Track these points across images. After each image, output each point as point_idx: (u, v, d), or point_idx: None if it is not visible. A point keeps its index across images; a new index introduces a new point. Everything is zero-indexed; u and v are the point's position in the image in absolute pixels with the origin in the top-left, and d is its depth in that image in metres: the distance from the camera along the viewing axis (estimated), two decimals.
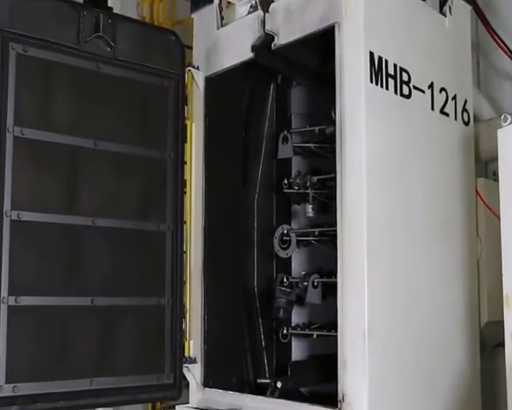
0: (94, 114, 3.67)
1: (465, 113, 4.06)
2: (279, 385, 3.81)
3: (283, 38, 3.74)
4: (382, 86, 3.47)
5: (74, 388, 3.46)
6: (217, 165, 4.11)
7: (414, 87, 3.66)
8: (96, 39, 3.67)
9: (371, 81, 3.40)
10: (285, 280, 4.14)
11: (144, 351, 3.76)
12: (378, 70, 3.45)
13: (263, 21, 3.84)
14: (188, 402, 3.97)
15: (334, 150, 3.46)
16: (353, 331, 3.27)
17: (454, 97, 3.96)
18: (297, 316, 4.35)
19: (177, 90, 3.98)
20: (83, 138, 3.61)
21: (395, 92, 3.56)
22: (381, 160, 3.43)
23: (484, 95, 4.63)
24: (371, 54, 3.42)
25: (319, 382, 4.05)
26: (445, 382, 3.72)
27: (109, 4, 3.84)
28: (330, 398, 3.34)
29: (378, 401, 3.28)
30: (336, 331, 3.34)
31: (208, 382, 3.94)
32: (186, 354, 3.92)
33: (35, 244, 3.44)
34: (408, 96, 3.63)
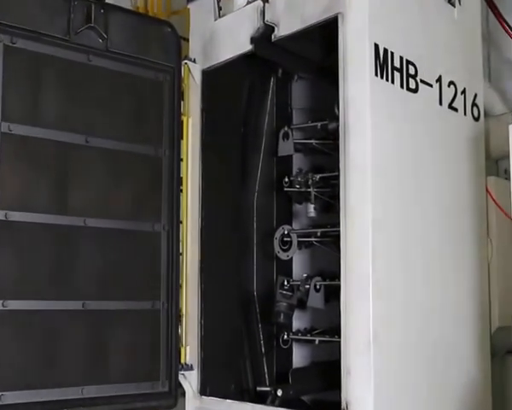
0: (85, 109, 3.67)
1: (475, 108, 4.06)
2: (280, 393, 3.80)
3: (284, 30, 3.73)
4: (388, 80, 3.47)
5: (64, 396, 3.45)
6: (214, 162, 4.10)
7: (421, 81, 3.66)
8: (88, 30, 3.67)
9: (376, 74, 3.40)
10: (286, 283, 4.14)
11: (138, 357, 3.75)
12: (383, 63, 3.44)
13: (262, 12, 3.83)
14: None
15: (337, 147, 3.46)
16: (358, 337, 3.26)
17: (463, 91, 3.96)
18: (298, 321, 4.35)
19: (173, 84, 3.98)
20: (73, 134, 3.60)
21: (401, 86, 3.55)
22: (387, 157, 3.42)
23: (495, 89, 4.60)
24: (376, 46, 3.41)
25: (321, 390, 4.04)
26: (455, 390, 3.72)
27: None
28: (333, 407, 3.33)
29: None
30: (339, 337, 3.34)
31: (205, 390, 3.93)
32: (182, 361, 3.92)
33: (23, 246, 3.44)
34: (415, 90, 3.63)
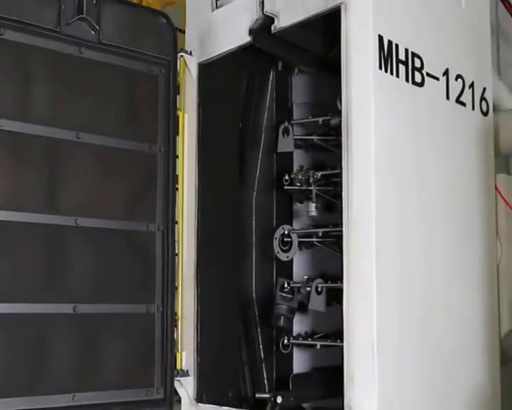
0: (76, 104, 3.65)
1: (484, 102, 4.05)
2: (279, 400, 3.80)
3: (284, 21, 3.72)
4: (392, 73, 3.46)
5: (55, 404, 3.44)
6: (211, 159, 4.09)
7: (427, 74, 3.65)
8: (79, 22, 3.65)
9: (380, 68, 3.40)
10: (286, 285, 4.13)
11: (132, 363, 3.74)
12: (388, 55, 3.44)
13: (262, 2, 3.81)
14: None
15: (339, 143, 3.46)
16: (361, 342, 3.25)
17: (471, 85, 3.95)
18: (299, 325, 4.35)
19: (168, 77, 3.97)
20: (64, 130, 3.59)
21: (406, 80, 3.55)
22: (392, 154, 3.41)
23: (504, 82, 4.59)
24: (380, 38, 3.40)
25: (323, 397, 4.04)
26: (463, 398, 3.71)
27: None
28: None
29: None
30: (342, 342, 3.34)
31: (202, 397, 3.92)
32: (178, 367, 3.91)
33: (12, 246, 3.42)
34: (421, 83, 3.62)
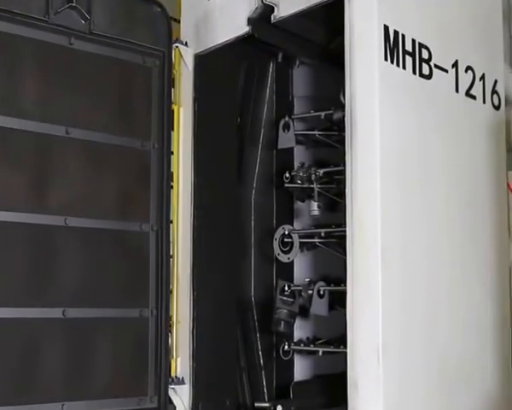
0: (66, 98, 3.63)
1: (495, 95, 4.05)
2: None
3: (284, 10, 3.72)
4: (399, 65, 3.46)
5: None
6: (208, 156, 4.08)
7: (435, 66, 3.66)
8: (69, 10, 3.62)
9: (386, 59, 3.40)
10: (286, 288, 4.12)
11: (124, 370, 3.73)
12: (394, 46, 3.43)
13: None
14: None
15: (342, 139, 3.46)
16: (365, 348, 3.25)
17: (482, 77, 3.96)
18: (300, 330, 4.35)
19: (163, 69, 3.96)
20: (53, 125, 3.57)
21: (413, 72, 3.55)
22: (398, 150, 3.41)
23: None
24: (386, 28, 3.40)
25: (326, 406, 4.02)
26: (472, 405, 3.71)
27: None
28: None
29: None
30: (345, 348, 3.34)
31: (198, 405, 3.91)
32: (172, 374, 3.91)
33: None
34: (428, 76, 3.62)
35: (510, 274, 4.01)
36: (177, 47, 4.06)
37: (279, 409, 3.78)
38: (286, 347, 4.19)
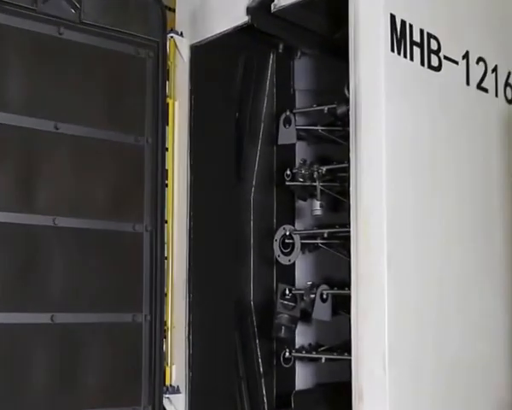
0: (55, 90, 3.63)
1: (508, 88, 4.05)
2: None
3: None
4: (406, 56, 3.45)
5: None
6: (205, 152, 4.08)
7: (445, 57, 3.65)
8: None
9: (392, 50, 3.38)
10: (287, 292, 4.12)
11: (116, 379, 3.72)
12: (401, 36, 3.42)
13: None
14: None
15: (346, 134, 3.45)
16: (371, 355, 3.24)
17: (494, 69, 3.95)
18: (302, 336, 4.36)
19: (157, 61, 3.96)
20: (41, 120, 3.56)
21: (421, 63, 3.54)
22: (405, 145, 3.40)
23: None
24: (392, 17, 3.39)
25: None
26: None
27: None
28: None
29: None
30: (350, 355, 3.33)
31: None
32: (167, 383, 3.92)
33: None
34: (437, 68, 3.61)
35: None
36: (172, 37, 4.06)
37: None
38: (287, 354, 4.17)
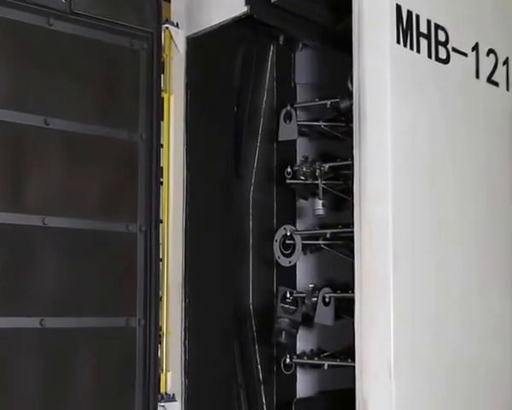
0: (44, 84, 3.62)
1: None
2: None
3: None
4: (412, 48, 3.46)
5: None
6: (202, 149, 4.07)
7: (453, 49, 3.66)
8: None
9: (398, 42, 3.40)
10: (288, 295, 4.11)
11: (109, 387, 3.71)
12: (407, 28, 3.43)
13: None
14: None
15: (350, 130, 3.45)
16: (376, 361, 3.25)
17: (506, 61, 3.96)
18: (303, 341, 4.36)
19: (152, 53, 3.95)
20: (30, 115, 3.55)
21: (429, 56, 3.55)
22: (411, 142, 3.41)
23: None
24: (398, 7, 3.40)
25: None
26: None
27: None
28: None
29: None
30: (353, 361, 3.34)
31: None
32: (162, 390, 3.91)
33: None
34: (445, 60, 3.63)
35: None
36: (168, 28, 4.06)
37: None
38: (287, 360, 4.17)
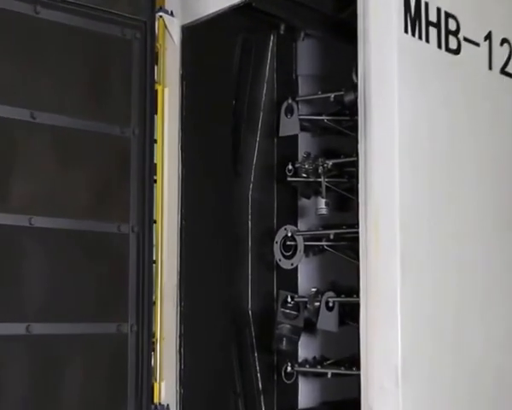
0: (31, 76, 3.62)
1: None
2: None
3: None
4: (421, 38, 3.45)
5: None
6: (197, 145, 4.07)
7: (464, 39, 3.65)
8: None
9: (406, 31, 3.39)
10: (289, 300, 4.14)
11: (99, 396, 3.71)
12: (415, 16, 3.42)
13: None
14: None
15: (355, 125, 3.45)
16: (382, 369, 3.24)
17: None
18: (305, 348, 4.36)
19: (145, 43, 3.96)
20: (16, 108, 3.55)
21: (438, 46, 3.54)
22: (420, 137, 3.40)
23: None
24: None
25: None
26: None
27: None
28: None
29: None
30: (359, 369, 3.33)
31: None
32: (156, 401, 3.90)
33: None
34: (456, 50, 3.62)
35: None
36: (162, 17, 4.06)
37: None
38: (289, 368, 4.18)
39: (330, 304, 3.96)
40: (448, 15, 3.56)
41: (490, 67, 3.78)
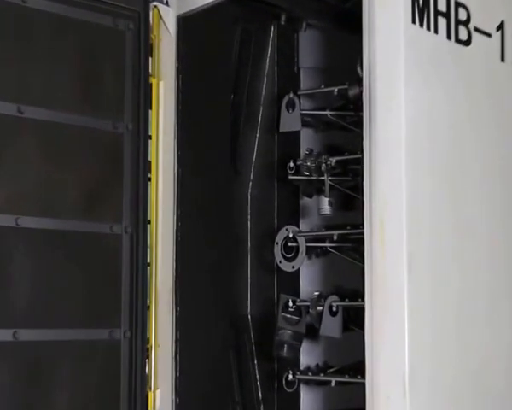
0: (18, 68, 3.61)
1: None
2: None
3: None
4: (429, 28, 3.46)
5: None
6: (194, 141, 4.07)
7: (475, 29, 3.66)
8: None
9: (414, 21, 3.39)
10: (291, 304, 4.12)
11: (90, 407, 3.71)
12: (424, 5, 3.42)
13: None
14: None
15: (360, 120, 3.45)
16: (388, 378, 3.24)
17: None
18: (307, 355, 4.34)
19: (138, 34, 3.97)
20: (1, 102, 3.54)
21: (448, 37, 3.55)
22: (428, 132, 3.41)
23: None
24: None
25: None
26: None
27: None
28: None
29: None
30: (363, 378, 3.33)
31: None
32: (150, 409, 3.92)
33: None
34: (467, 42, 3.62)
35: None
36: (156, 6, 4.06)
37: None
38: (290, 376, 4.17)
39: (334, 309, 3.96)
40: (458, 4, 3.57)
41: (502, 59, 3.79)
